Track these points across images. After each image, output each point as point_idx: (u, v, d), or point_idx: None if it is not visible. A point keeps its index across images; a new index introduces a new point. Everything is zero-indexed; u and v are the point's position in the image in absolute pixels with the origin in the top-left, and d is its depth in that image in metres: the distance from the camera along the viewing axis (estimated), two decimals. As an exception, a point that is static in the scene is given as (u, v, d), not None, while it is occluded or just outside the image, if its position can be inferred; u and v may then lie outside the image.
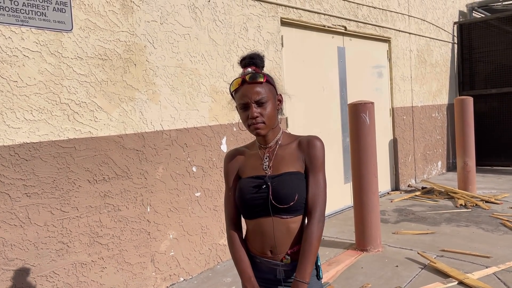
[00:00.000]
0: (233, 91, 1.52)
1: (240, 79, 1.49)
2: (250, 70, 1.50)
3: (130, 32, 3.23)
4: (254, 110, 1.45)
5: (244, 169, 1.59)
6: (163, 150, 3.46)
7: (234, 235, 1.59)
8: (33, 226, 2.71)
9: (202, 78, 3.77)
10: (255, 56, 1.53)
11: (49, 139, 2.79)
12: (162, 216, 3.44)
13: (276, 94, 1.55)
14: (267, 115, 1.48)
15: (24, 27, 2.66)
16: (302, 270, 1.43)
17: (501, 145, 8.09)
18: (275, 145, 1.56)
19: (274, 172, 1.52)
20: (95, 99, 3.03)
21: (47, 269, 2.77)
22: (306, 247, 1.45)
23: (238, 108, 1.52)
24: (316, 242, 1.45)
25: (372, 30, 6.10)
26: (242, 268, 1.54)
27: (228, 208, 1.63)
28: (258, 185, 1.50)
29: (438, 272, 3.40)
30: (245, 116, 1.48)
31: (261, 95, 1.46)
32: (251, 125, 1.47)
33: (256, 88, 1.47)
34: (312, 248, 1.44)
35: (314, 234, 1.46)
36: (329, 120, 5.45)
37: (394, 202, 5.92)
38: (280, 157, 1.54)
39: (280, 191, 1.47)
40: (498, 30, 8.06)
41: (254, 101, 1.46)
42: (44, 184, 2.76)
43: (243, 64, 1.54)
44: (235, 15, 4.07)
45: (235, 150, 1.66)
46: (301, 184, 1.49)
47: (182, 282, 3.56)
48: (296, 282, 1.42)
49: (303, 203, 1.50)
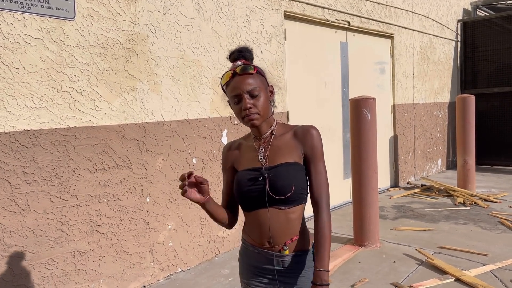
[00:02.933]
0: (224, 84, 1.52)
1: (230, 72, 1.49)
2: (240, 63, 1.50)
3: (133, 22, 3.22)
4: (248, 102, 1.45)
5: (240, 162, 1.60)
6: (164, 141, 3.46)
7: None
8: (32, 213, 2.71)
9: (204, 70, 3.76)
10: (243, 50, 1.54)
11: (49, 127, 2.79)
12: (161, 206, 3.45)
13: (267, 85, 1.54)
14: (261, 106, 1.47)
15: (27, 14, 2.65)
16: (321, 259, 1.45)
17: (502, 144, 8.08)
18: (270, 136, 1.56)
19: (270, 164, 1.51)
20: (97, 88, 3.02)
21: (45, 257, 2.78)
22: (320, 236, 1.47)
23: (231, 102, 1.52)
24: (329, 231, 1.48)
25: (375, 26, 6.07)
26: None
27: (222, 197, 1.69)
28: (255, 177, 1.50)
29: (435, 269, 3.41)
30: (238, 109, 1.48)
31: (253, 85, 1.46)
32: (245, 116, 1.47)
33: (247, 79, 1.46)
34: (326, 237, 1.47)
35: (326, 223, 1.48)
36: (330, 115, 5.44)
37: (393, 198, 5.92)
38: (276, 148, 1.53)
39: (277, 182, 1.47)
40: (502, 29, 8.03)
41: (246, 92, 1.45)
42: (44, 171, 2.76)
43: (232, 58, 1.54)
44: (238, 7, 4.05)
45: (231, 142, 1.67)
46: (297, 175, 1.49)
47: (180, 273, 3.58)
48: (317, 272, 1.44)
49: (300, 193, 1.50)
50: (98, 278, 3.05)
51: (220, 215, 1.59)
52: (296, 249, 1.53)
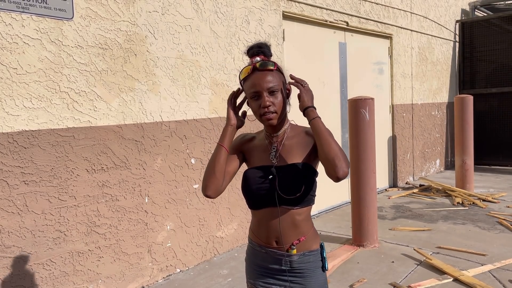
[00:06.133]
0: (243, 79, 1.50)
1: (250, 67, 1.47)
2: (259, 59, 1.48)
3: (131, 22, 3.21)
4: (267, 99, 1.44)
5: (251, 156, 1.58)
6: (162, 141, 3.46)
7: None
8: (30, 214, 2.71)
9: (202, 70, 3.76)
10: (263, 45, 1.51)
11: (48, 127, 2.78)
12: (159, 207, 3.45)
13: (285, 82, 1.54)
14: (278, 104, 1.47)
15: (25, 14, 2.65)
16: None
17: (500, 144, 8.09)
18: (283, 135, 1.55)
19: (281, 163, 1.50)
20: (95, 88, 3.02)
21: (44, 257, 2.78)
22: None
23: (249, 97, 1.50)
24: (334, 142, 1.43)
25: (374, 26, 6.08)
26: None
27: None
28: (265, 176, 1.49)
29: (433, 269, 3.42)
30: (257, 105, 1.46)
31: (273, 83, 1.45)
32: (263, 114, 1.46)
33: (267, 76, 1.45)
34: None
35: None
36: (328, 115, 5.44)
37: (392, 198, 5.93)
38: (288, 148, 1.52)
39: (287, 181, 1.46)
40: (500, 29, 8.04)
41: (266, 89, 1.44)
42: (42, 172, 2.76)
43: (251, 53, 1.51)
44: (237, 8, 4.05)
45: (245, 133, 1.66)
46: (308, 176, 1.48)
47: (179, 273, 3.57)
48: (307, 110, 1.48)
49: (309, 194, 1.49)
50: (96, 279, 3.05)
51: (223, 166, 1.51)
52: (304, 249, 1.52)
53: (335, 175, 1.36)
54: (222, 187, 1.52)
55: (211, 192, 1.50)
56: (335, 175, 1.36)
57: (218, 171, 1.49)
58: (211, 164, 1.51)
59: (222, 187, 1.52)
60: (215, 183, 1.49)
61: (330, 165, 1.36)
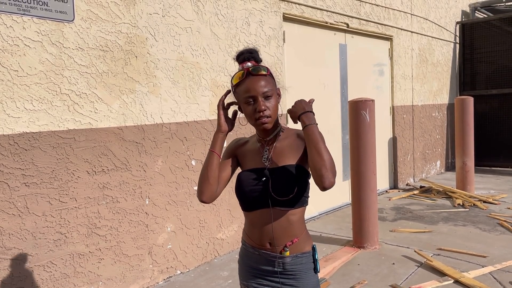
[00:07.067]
0: (235, 84, 1.50)
1: (242, 72, 1.48)
2: (250, 65, 1.49)
3: (132, 24, 3.22)
4: (262, 104, 1.45)
5: (244, 159, 1.60)
6: (163, 143, 3.46)
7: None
8: (31, 216, 2.71)
9: (203, 72, 3.76)
10: (253, 51, 1.53)
11: (48, 129, 2.79)
12: (160, 209, 3.45)
13: (276, 87, 1.55)
14: (272, 108, 1.48)
15: (26, 17, 2.66)
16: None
17: (501, 146, 8.09)
18: (274, 138, 1.57)
19: (273, 165, 1.52)
20: (96, 90, 3.02)
21: (44, 259, 2.78)
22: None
23: (242, 102, 1.50)
24: (325, 150, 1.43)
25: (374, 28, 6.08)
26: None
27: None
28: (258, 178, 1.51)
29: (434, 271, 3.41)
30: (252, 110, 1.47)
31: (267, 87, 1.47)
32: (258, 118, 1.47)
33: (261, 81, 1.46)
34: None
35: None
36: (329, 117, 5.45)
37: (392, 200, 5.93)
38: (280, 150, 1.54)
39: (280, 183, 1.47)
40: (500, 31, 8.05)
41: (261, 94, 1.45)
42: (43, 174, 2.76)
43: (241, 58, 1.52)
44: (237, 10, 4.06)
45: (239, 138, 1.69)
46: (300, 177, 1.49)
47: (179, 275, 3.57)
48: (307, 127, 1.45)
49: (302, 195, 1.50)
50: (97, 281, 3.05)
51: (215, 172, 1.53)
52: (296, 251, 1.53)
53: (321, 185, 1.38)
54: (216, 193, 1.55)
55: (206, 198, 1.53)
56: (321, 185, 1.38)
57: (211, 176, 1.52)
58: (204, 170, 1.53)
59: (217, 193, 1.56)
60: (209, 189, 1.53)
61: (317, 174, 1.39)
